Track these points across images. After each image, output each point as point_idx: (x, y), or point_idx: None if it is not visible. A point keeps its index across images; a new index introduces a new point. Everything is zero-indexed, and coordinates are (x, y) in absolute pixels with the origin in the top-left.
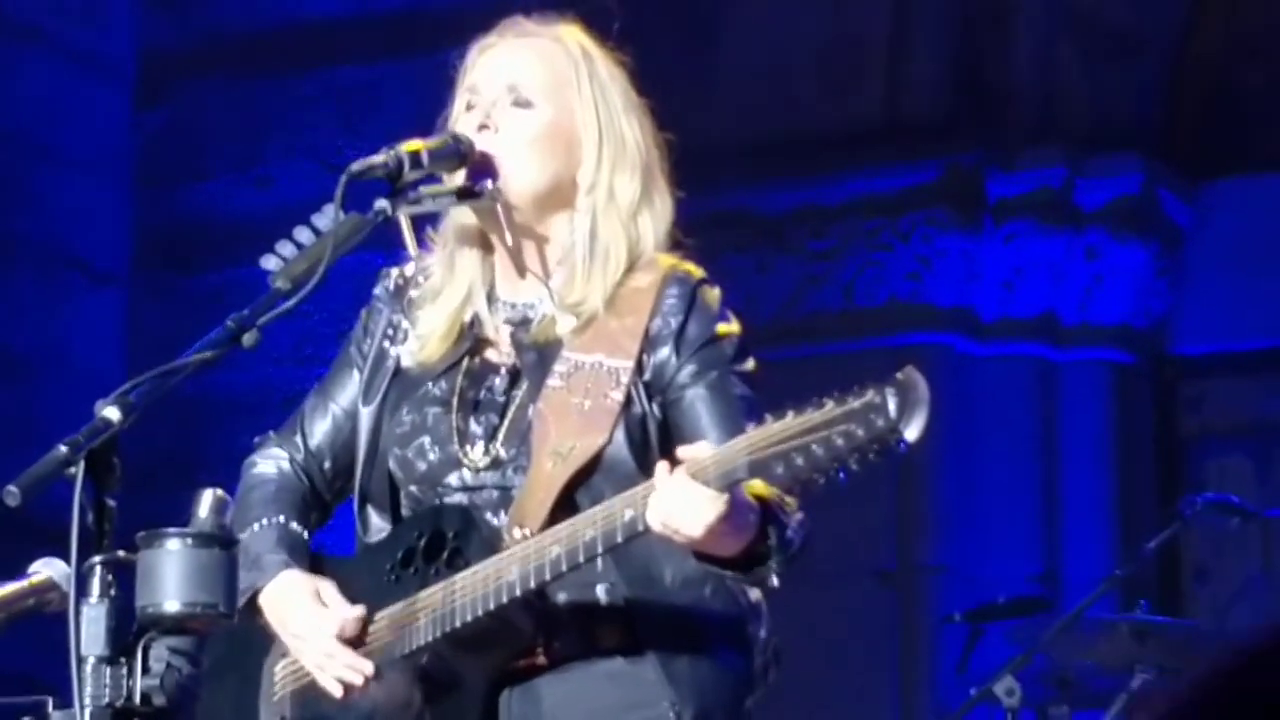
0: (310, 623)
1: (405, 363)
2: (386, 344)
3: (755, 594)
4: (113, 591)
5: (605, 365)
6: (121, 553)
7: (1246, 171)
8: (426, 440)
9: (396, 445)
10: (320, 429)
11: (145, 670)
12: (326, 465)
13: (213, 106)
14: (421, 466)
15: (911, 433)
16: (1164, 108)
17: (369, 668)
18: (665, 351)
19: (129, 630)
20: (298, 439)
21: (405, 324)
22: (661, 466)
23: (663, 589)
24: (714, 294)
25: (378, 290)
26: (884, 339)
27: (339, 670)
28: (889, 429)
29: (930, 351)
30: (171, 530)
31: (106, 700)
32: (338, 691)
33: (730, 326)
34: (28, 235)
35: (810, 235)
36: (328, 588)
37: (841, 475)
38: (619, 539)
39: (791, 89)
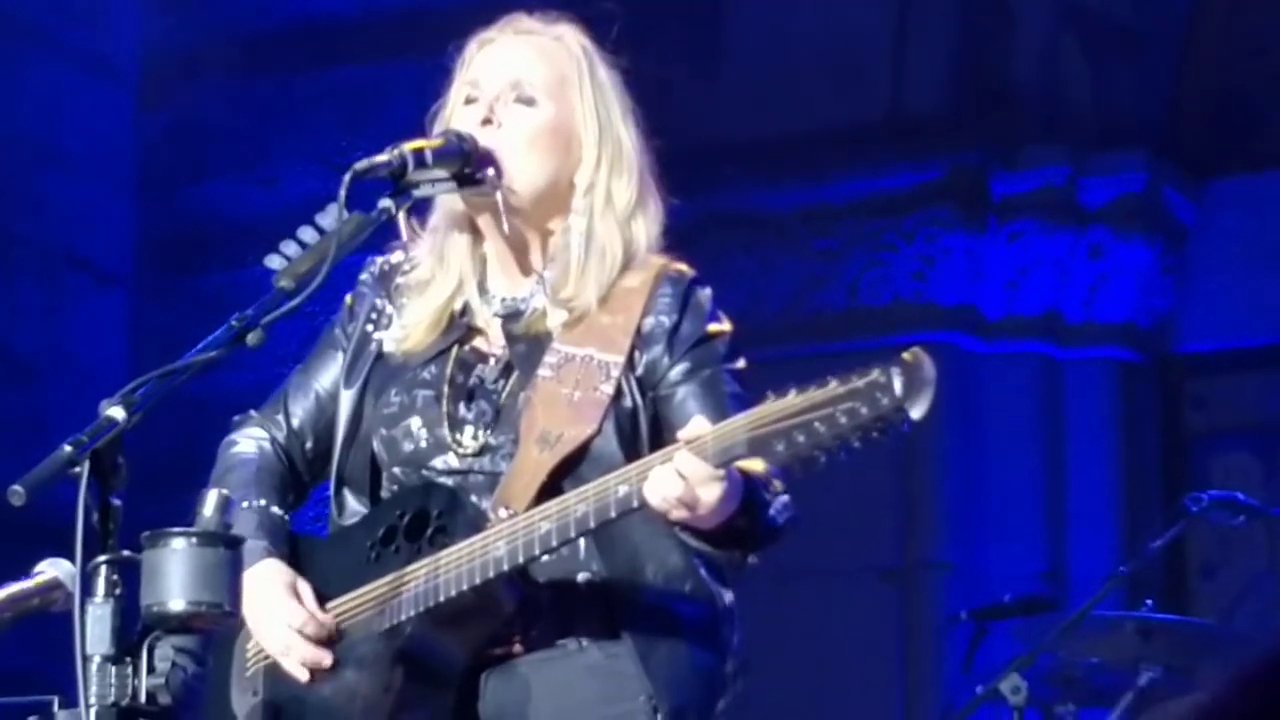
0: (277, 613)
1: (388, 348)
2: (370, 328)
3: (729, 598)
4: (118, 591)
5: (596, 359)
6: (126, 552)
7: (1251, 169)
8: (415, 422)
9: (383, 426)
10: (303, 409)
11: (150, 669)
12: (308, 445)
13: (216, 107)
14: (408, 448)
15: (917, 411)
16: (1168, 106)
17: (326, 660)
18: (658, 349)
19: (134, 629)
20: (280, 418)
21: (389, 309)
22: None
23: (644, 582)
24: (706, 294)
25: (363, 276)
26: (888, 338)
27: (295, 661)
28: (894, 407)
29: (935, 350)
30: (176, 530)
31: (112, 699)
32: (300, 675)
33: (722, 326)
34: (32, 237)
35: (815, 234)
36: (305, 586)
37: (843, 454)
38: (612, 514)
39: (796, 89)
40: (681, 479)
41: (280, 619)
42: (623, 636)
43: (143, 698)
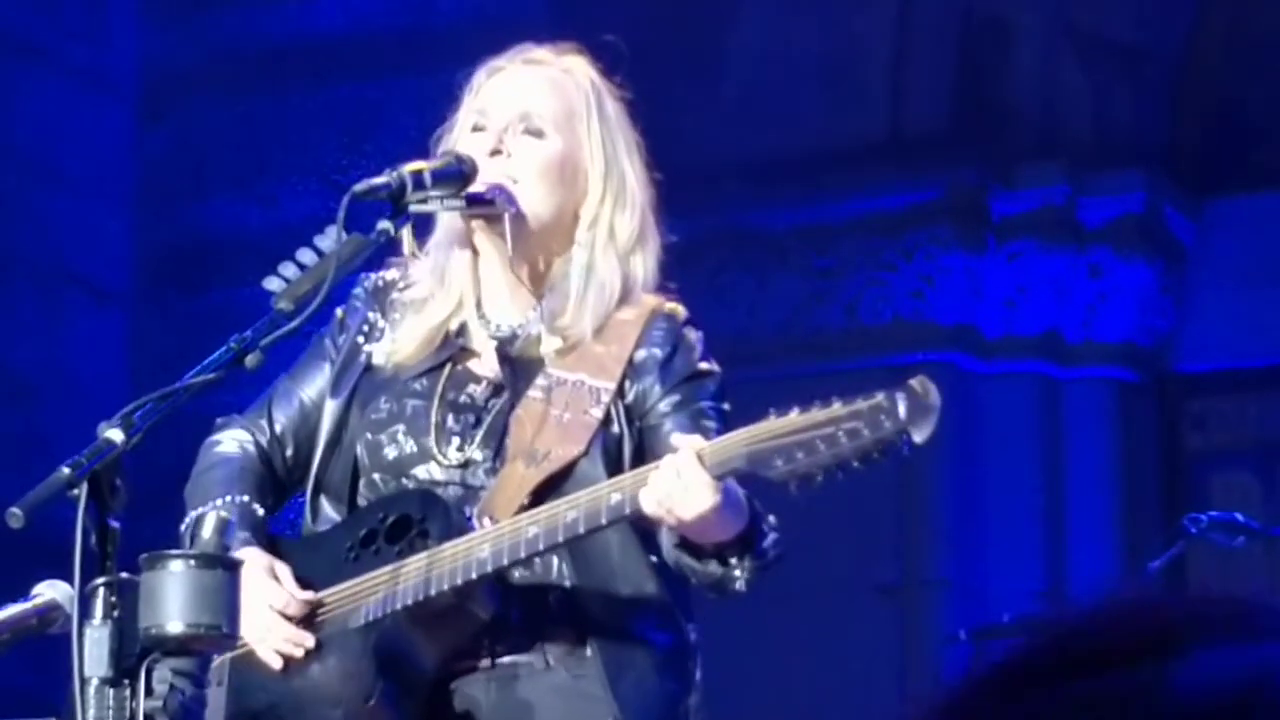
0: (257, 594)
1: (377, 360)
2: (360, 340)
3: (694, 634)
4: (116, 613)
5: (587, 384)
6: (125, 574)
7: (1251, 188)
8: (401, 429)
9: (368, 431)
10: (286, 415)
11: (148, 692)
12: (289, 452)
13: (216, 124)
14: (391, 454)
15: (919, 436)
16: (1167, 125)
17: (309, 640)
18: (649, 380)
19: (132, 651)
20: (263, 422)
21: (382, 323)
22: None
23: (616, 606)
24: (698, 335)
25: (356, 290)
26: (887, 357)
27: (278, 643)
28: (896, 431)
29: (934, 370)
30: (175, 551)
31: None
32: (275, 663)
33: (713, 366)
34: (30, 254)
35: (814, 253)
36: (284, 568)
37: (841, 474)
38: (603, 520)
39: (795, 107)
40: (678, 479)
41: (260, 600)
42: (591, 658)
43: None
